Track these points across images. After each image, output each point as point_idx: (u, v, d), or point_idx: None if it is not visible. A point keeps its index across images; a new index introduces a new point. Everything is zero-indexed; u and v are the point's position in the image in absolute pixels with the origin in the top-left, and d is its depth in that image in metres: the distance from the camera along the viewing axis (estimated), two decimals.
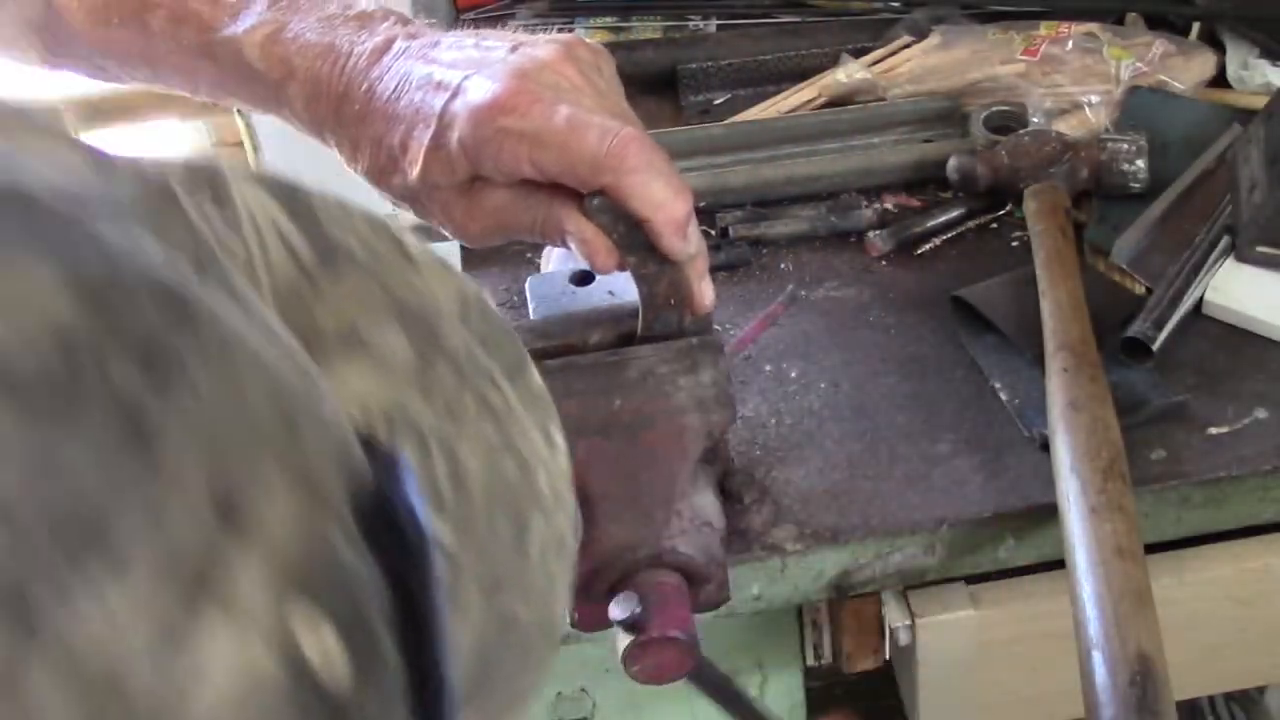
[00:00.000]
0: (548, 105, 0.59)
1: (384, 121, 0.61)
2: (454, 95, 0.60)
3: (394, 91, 0.61)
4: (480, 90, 0.59)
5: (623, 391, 0.63)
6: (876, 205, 1.07)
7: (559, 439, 0.31)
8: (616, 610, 0.61)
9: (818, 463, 0.84)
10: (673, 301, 0.63)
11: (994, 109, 1.11)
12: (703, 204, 1.08)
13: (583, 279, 0.74)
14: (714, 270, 1.02)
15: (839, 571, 0.80)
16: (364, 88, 0.61)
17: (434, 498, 0.26)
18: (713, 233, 1.06)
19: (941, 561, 0.81)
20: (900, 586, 0.83)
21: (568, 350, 0.65)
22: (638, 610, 0.60)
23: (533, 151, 0.59)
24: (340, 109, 0.61)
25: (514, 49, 0.61)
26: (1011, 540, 0.81)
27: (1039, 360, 0.86)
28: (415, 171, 0.61)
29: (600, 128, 0.59)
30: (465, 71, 0.60)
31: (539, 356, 0.65)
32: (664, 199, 0.60)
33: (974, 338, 0.92)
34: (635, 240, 0.61)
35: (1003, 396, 0.88)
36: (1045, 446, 0.81)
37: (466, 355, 0.28)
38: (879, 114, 1.13)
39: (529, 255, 1.05)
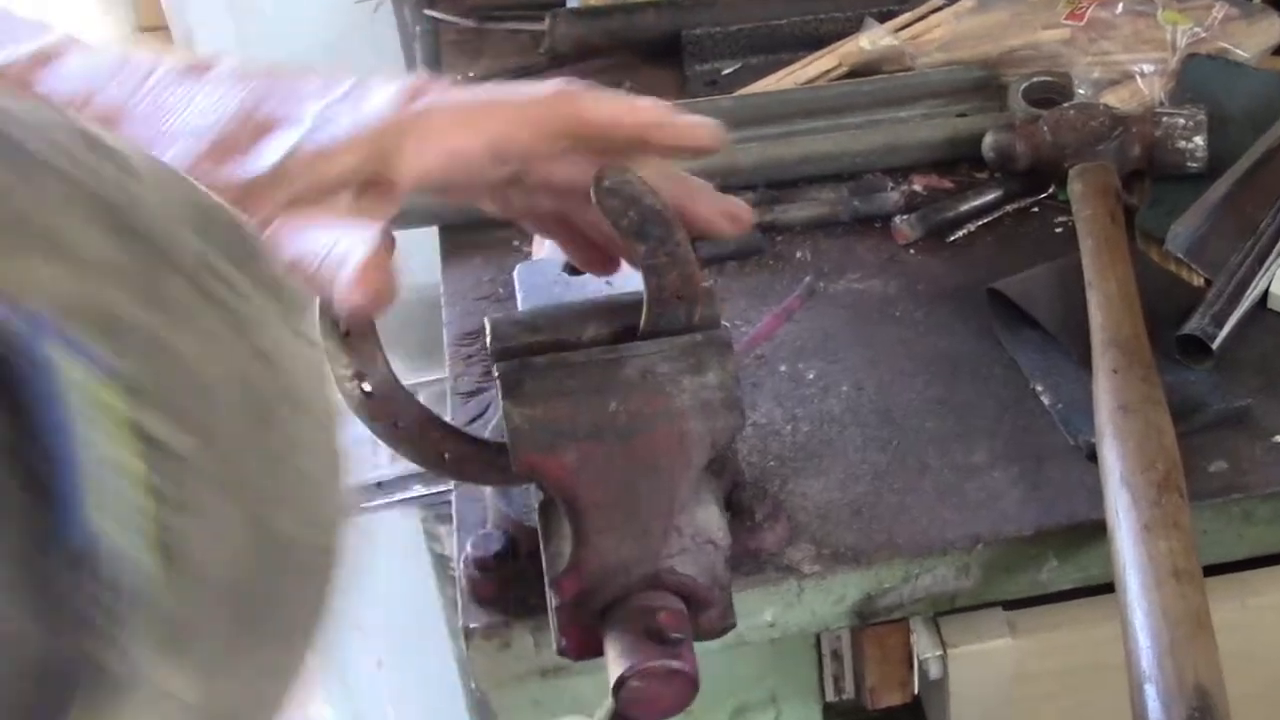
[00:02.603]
0: (455, 90, 0.60)
1: (233, 95, 0.58)
2: (343, 99, 0.59)
3: (202, 112, 0.58)
4: (371, 93, 0.59)
5: (619, 392, 0.63)
6: (904, 187, 1.07)
7: (315, 336, 0.33)
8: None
9: (838, 474, 0.84)
10: (681, 295, 0.63)
11: (1035, 79, 1.11)
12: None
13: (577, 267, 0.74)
14: (723, 260, 1.02)
15: (862, 596, 0.80)
16: (157, 102, 0.58)
17: (134, 389, 0.28)
18: None
19: (976, 585, 0.81)
20: (930, 613, 0.83)
21: (559, 346, 0.65)
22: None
23: (453, 134, 0.59)
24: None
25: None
26: (1055, 561, 0.81)
27: (1085, 360, 0.86)
28: (269, 163, 0.57)
29: (524, 88, 0.61)
30: (346, 86, 0.60)
31: (526, 352, 0.65)
32: (625, 105, 0.63)
33: (1013, 335, 0.92)
34: (647, 228, 0.61)
35: (1045, 400, 0.88)
36: (1092, 456, 0.81)
37: (202, 263, 0.30)
38: (906, 85, 1.13)
39: (516, 243, 1.05)
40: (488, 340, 0.66)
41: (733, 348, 0.65)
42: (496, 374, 0.64)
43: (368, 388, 0.65)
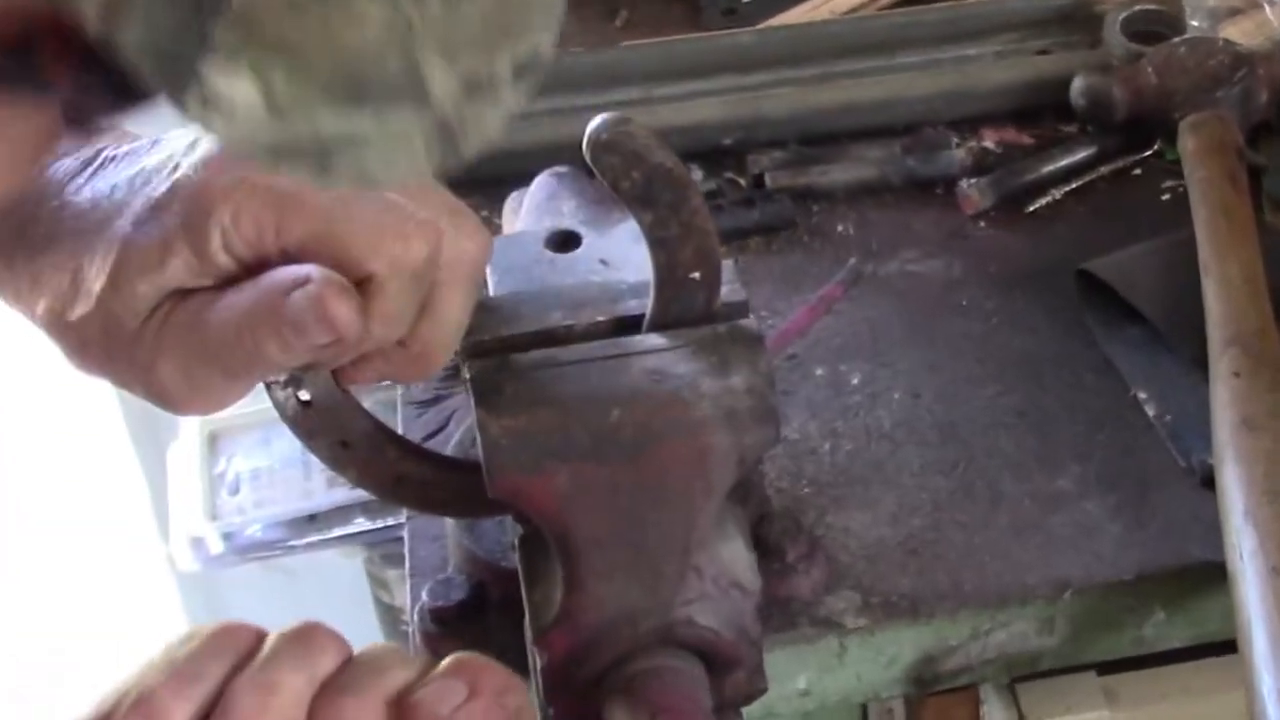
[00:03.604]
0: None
1: (73, 240, 0.63)
2: (175, 169, 0.62)
3: (91, 204, 0.63)
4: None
5: (622, 399, 0.63)
6: (972, 143, 1.07)
7: None
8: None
9: (889, 504, 0.84)
10: (699, 275, 0.64)
11: (1137, 8, 1.11)
12: (729, 141, 1.08)
13: (564, 242, 0.74)
14: (745, 234, 1.03)
15: (919, 656, 0.80)
16: (56, 204, 0.63)
17: None
18: (742, 182, 1.06)
19: (1064, 642, 0.81)
20: (1006, 678, 0.84)
21: (545, 340, 0.65)
22: None
23: (284, 218, 0.60)
24: (25, 232, 0.64)
25: None
26: (1161, 613, 0.81)
27: (1201, 361, 0.86)
28: (100, 282, 0.61)
29: (394, 203, 0.62)
30: (191, 140, 0.63)
31: (504, 348, 0.65)
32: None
33: (1109, 329, 0.92)
34: (655, 190, 0.61)
35: (1149, 411, 0.88)
36: (1209, 482, 0.81)
37: None
38: (976, 15, 1.13)
39: (484, 213, 1.05)
40: None
41: (764, 342, 0.65)
42: (467, 376, 0.64)
43: (305, 396, 0.65)
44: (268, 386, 0.65)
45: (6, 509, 2.47)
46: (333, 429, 0.66)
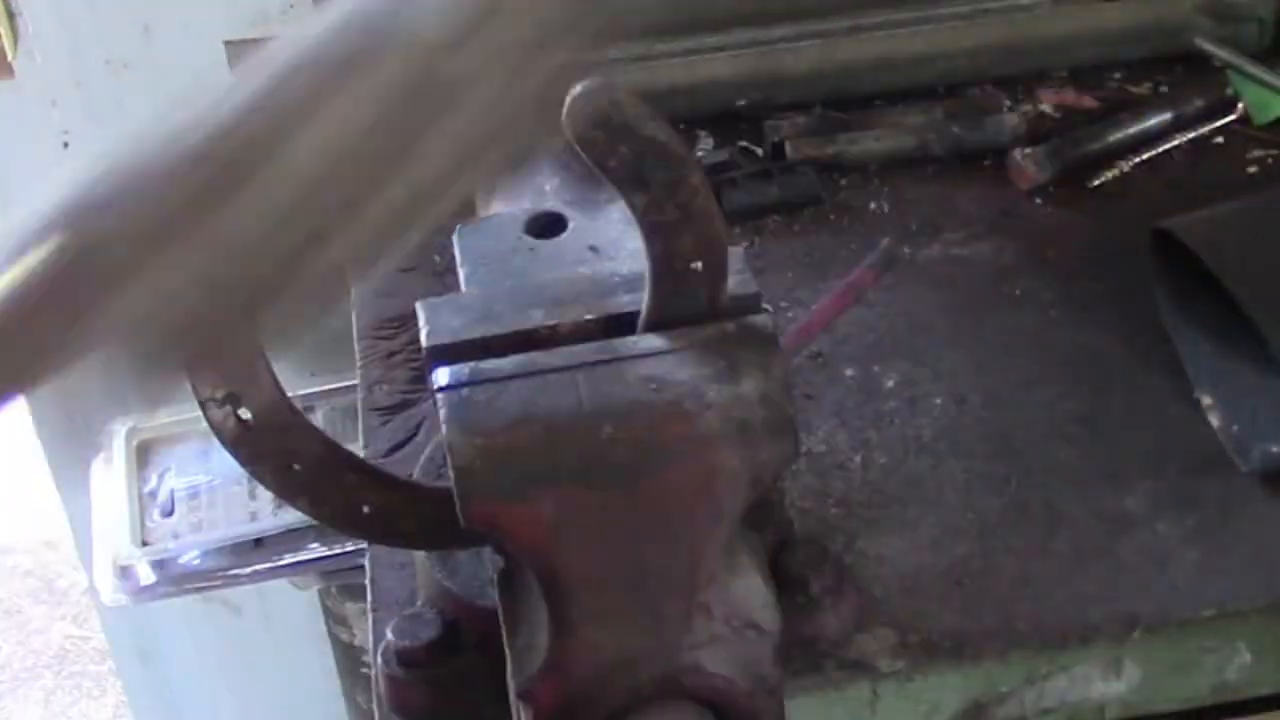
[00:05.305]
0: None
1: None
2: None
3: None
4: None
5: (615, 412, 0.63)
6: (1026, 107, 1.07)
7: None
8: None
9: (929, 527, 0.84)
10: (701, 265, 0.64)
11: None
12: (743, 103, 1.08)
13: (547, 226, 0.74)
14: (762, 212, 1.03)
15: (966, 705, 0.80)
16: None
17: None
18: (759, 151, 1.06)
19: (1134, 688, 0.81)
20: None
21: (525, 342, 0.65)
22: None
23: None
24: None
25: None
26: (1247, 654, 0.81)
27: None
28: None
29: None
30: None
31: (477, 352, 0.65)
32: None
33: (1182, 313, 0.92)
34: (647, 168, 0.61)
35: (1213, 420, 0.88)
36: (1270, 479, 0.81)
37: None
38: None
39: None
40: (421, 335, 0.66)
41: (779, 342, 0.65)
42: (434, 385, 0.64)
43: (246, 414, 0.65)
44: (202, 405, 0.65)
45: None
46: (279, 452, 0.66)
